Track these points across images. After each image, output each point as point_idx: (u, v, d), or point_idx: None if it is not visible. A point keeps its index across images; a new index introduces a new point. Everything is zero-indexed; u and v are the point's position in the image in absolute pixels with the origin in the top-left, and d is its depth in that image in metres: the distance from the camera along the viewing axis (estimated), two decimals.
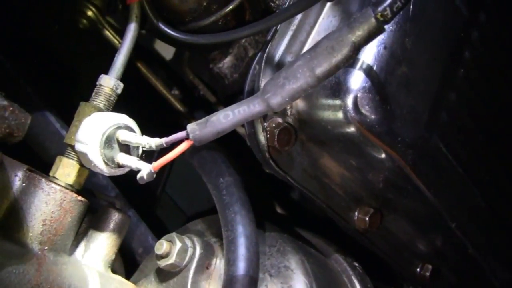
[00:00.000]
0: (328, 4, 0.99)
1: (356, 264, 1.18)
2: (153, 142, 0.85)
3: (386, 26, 0.77)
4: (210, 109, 1.27)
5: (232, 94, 1.13)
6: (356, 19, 0.75)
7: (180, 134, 0.82)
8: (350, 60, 0.77)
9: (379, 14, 0.74)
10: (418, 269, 1.22)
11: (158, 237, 1.02)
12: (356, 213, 1.09)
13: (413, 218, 1.14)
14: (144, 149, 0.89)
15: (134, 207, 1.23)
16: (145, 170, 0.84)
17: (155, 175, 0.85)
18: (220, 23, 1.03)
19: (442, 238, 1.19)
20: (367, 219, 1.08)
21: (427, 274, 1.22)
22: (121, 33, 1.10)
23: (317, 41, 0.79)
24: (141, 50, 1.15)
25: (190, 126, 0.81)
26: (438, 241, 1.20)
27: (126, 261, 1.13)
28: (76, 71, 1.34)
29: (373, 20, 0.74)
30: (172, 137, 0.82)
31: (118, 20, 1.22)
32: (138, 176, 0.84)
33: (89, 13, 1.13)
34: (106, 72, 0.98)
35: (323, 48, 0.76)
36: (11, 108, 0.75)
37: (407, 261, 1.21)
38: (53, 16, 1.29)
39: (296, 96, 0.78)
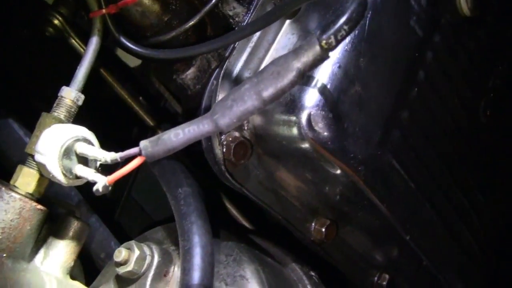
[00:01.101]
0: (287, 21, 1.01)
1: (313, 274, 1.20)
2: (108, 157, 0.88)
3: (341, 46, 0.80)
4: (175, 119, 1.29)
5: (194, 105, 1.15)
6: (302, 46, 0.78)
7: (133, 150, 0.84)
8: (296, 85, 0.79)
9: (324, 42, 0.76)
10: (375, 278, 1.25)
11: (123, 242, 1.04)
12: (312, 224, 1.12)
13: (369, 230, 1.17)
14: (100, 162, 0.91)
15: (98, 213, 1.25)
16: (101, 183, 0.86)
17: (110, 188, 0.87)
18: (181, 38, 1.04)
19: (398, 250, 1.22)
20: (323, 230, 1.10)
21: (384, 283, 1.25)
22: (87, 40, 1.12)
23: (264, 66, 0.81)
24: (106, 58, 1.17)
25: (143, 143, 0.83)
26: (393, 252, 1.23)
27: (89, 266, 1.15)
28: (43, 78, 1.35)
29: (317, 47, 0.77)
30: (126, 153, 0.84)
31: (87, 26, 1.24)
32: (94, 188, 0.87)
33: (56, 21, 1.15)
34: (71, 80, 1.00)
35: (270, 73, 0.79)
36: None
37: (363, 271, 1.23)
38: (23, 21, 1.30)
39: (243, 118, 0.80)
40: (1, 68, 1.27)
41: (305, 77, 0.80)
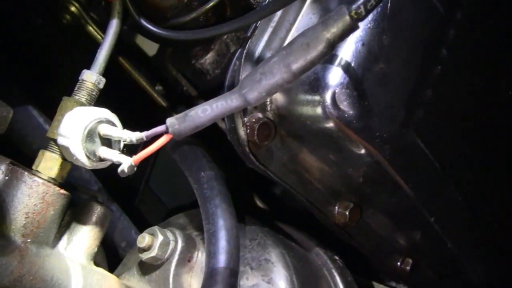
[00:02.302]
0: (308, 1, 1.00)
1: (337, 258, 1.19)
2: (133, 136, 0.87)
3: (364, 23, 0.79)
4: (192, 105, 1.27)
5: (213, 90, 1.14)
6: (331, 16, 0.77)
7: (160, 128, 0.83)
8: (325, 56, 0.78)
9: (353, 12, 0.75)
10: (398, 263, 1.24)
11: (141, 230, 1.03)
12: (336, 208, 1.11)
13: (393, 213, 1.16)
14: (125, 143, 0.90)
15: (117, 201, 1.24)
16: (126, 163, 0.85)
17: (135, 168, 0.86)
18: (201, 19, 1.04)
19: (421, 232, 1.21)
20: (347, 213, 1.10)
21: (408, 268, 1.24)
22: (104, 29, 1.11)
23: (293, 38, 0.80)
24: (123, 46, 1.16)
25: (169, 120, 0.82)
26: (417, 235, 1.22)
27: (109, 255, 1.14)
28: (59, 65, 1.35)
29: (347, 17, 0.76)
30: (152, 131, 0.84)
31: (101, 16, 1.23)
32: (119, 169, 0.86)
33: (72, 8, 1.14)
34: (89, 67, 0.99)
35: (299, 44, 0.78)
36: None
37: (387, 255, 1.22)
38: (37, 10, 1.29)
39: (272, 91, 0.80)
40: (19, 57, 1.27)
41: (334, 48, 0.78)
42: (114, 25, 1.00)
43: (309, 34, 0.78)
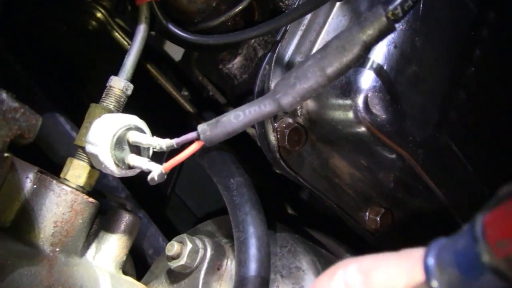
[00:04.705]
0: (338, 3, 0.98)
1: None
2: (163, 143, 0.86)
3: (396, 25, 0.77)
4: (219, 110, 1.27)
5: (241, 95, 1.13)
6: (367, 18, 0.75)
7: (191, 135, 0.81)
8: (361, 60, 0.76)
9: (390, 13, 0.74)
10: None
11: (168, 238, 1.02)
12: (366, 213, 1.09)
13: (424, 218, 1.14)
14: (154, 150, 0.89)
15: (144, 208, 1.23)
16: (156, 171, 0.84)
17: (165, 176, 0.85)
18: (229, 23, 1.03)
19: None
20: (378, 219, 1.08)
21: None
22: (130, 35, 1.10)
23: (328, 41, 0.79)
24: (150, 51, 1.15)
25: (201, 127, 0.81)
26: None
27: (137, 263, 1.13)
28: (86, 72, 1.34)
29: (384, 19, 0.74)
30: (183, 138, 0.82)
31: (127, 22, 1.23)
32: (149, 177, 0.84)
33: (98, 14, 1.13)
34: (115, 73, 0.98)
35: (334, 47, 0.76)
36: (22, 110, 0.75)
37: None
38: (62, 17, 1.29)
39: (307, 96, 0.78)
40: (46, 64, 1.26)
41: (370, 51, 0.77)
42: (141, 30, 0.99)
43: (344, 36, 0.76)
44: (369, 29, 0.74)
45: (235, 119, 0.79)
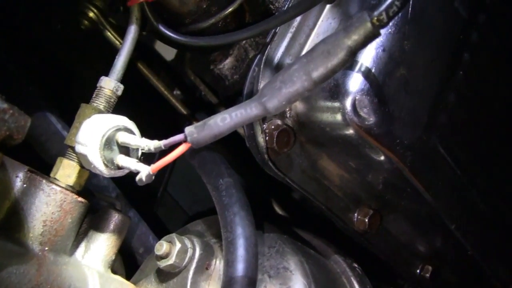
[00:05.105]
0: (328, 6, 0.99)
1: (356, 265, 1.18)
2: (152, 145, 0.86)
3: (385, 29, 0.77)
4: (211, 110, 1.27)
5: (232, 95, 1.13)
6: (352, 23, 0.75)
7: (178, 137, 0.82)
8: (346, 64, 0.77)
9: (375, 18, 0.74)
10: (418, 270, 1.23)
11: (159, 237, 1.03)
12: (355, 215, 1.10)
13: (412, 220, 1.14)
14: (143, 151, 0.89)
15: (135, 207, 1.24)
16: (144, 172, 0.85)
17: (153, 177, 0.85)
18: (220, 25, 1.03)
19: (442, 239, 1.20)
20: (366, 220, 1.09)
21: (427, 275, 1.23)
22: (123, 34, 1.10)
23: (314, 45, 0.79)
24: (142, 51, 1.16)
25: (188, 129, 0.81)
26: (437, 242, 1.20)
27: (127, 261, 1.13)
28: (79, 72, 1.35)
29: (369, 24, 0.74)
30: (170, 140, 0.83)
31: (120, 21, 1.23)
32: (137, 178, 0.85)
33: (91, 14, 1.13)
34: (107, 73, 0.98)
35: (320, 52, 0.76)
36: (11, 111, 0.76)
37: (407, 262, 1.21)
38: (55, 16, 1.29)
39: (292, 99, 0.78)
40: (38, 62, 1.27)
41: (355, 56, 0.77)
42: (132, 31, 0.99)
43: (330, 41, 0.76)
44: (354, 34, 0.75)
45: (222, 122, 0.79)
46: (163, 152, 0.87)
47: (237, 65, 1.10)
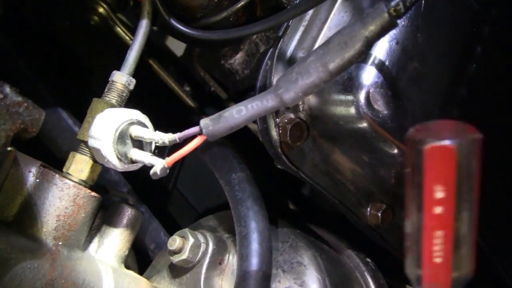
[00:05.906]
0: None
1: (369, 260, 1.17)
2: (166, 138, 0.86)
3: (398, 21, 0.77)
4: (220, 105, 1.27)
5: (243, 90, 1.13)
6: (369, 14, 0.75)
7: (193, 130, 0.82)
8: (363, 55, 0.77)
9: (392, 9, 0.74)
10: None
11: (170, 233, 1.02)
12: (368, 209, 1.09)
13: None
14: (157, 144, 0.89)
15: (146, 203, 1.23)
16: (159, 165, 0.84)
17: (168, 171, 0.85)
18: (231, 19, 1.03)
19: None
20: (379, 215, 1.08)
21: None
22: (132, 30, 1.10)
23: (330, 37, 0.79)
24: (152, 47, 1.15)
25: (203, 122, 0.81)
26: None
27: (138, 257, 1.13)
28: (88, 67, 1.34)
29: (386, 15, 0.74)
30: (186, 133, 0.82)
31: (129, 17, 1.23)
32: (152, 171, 0.85)
33: (100, 9, 1.13)
34: (118, 68, 0.98)
35: (336, 43, 0.76)
36: (25, 104, 0.76)
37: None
38: (64, 12, 1.29)
39: (309, 91, 0.78)
40: (48, 59, 1.26)
41: (372, 47, 0.77)
42: (143, 26, 0.99)
43: (346, 32, 0.76)
44: (371, 25, 0.74)
45: (238, 114, 0.79)
46: (172, 148, 0.86)
47: (248, 60, 1.10)
